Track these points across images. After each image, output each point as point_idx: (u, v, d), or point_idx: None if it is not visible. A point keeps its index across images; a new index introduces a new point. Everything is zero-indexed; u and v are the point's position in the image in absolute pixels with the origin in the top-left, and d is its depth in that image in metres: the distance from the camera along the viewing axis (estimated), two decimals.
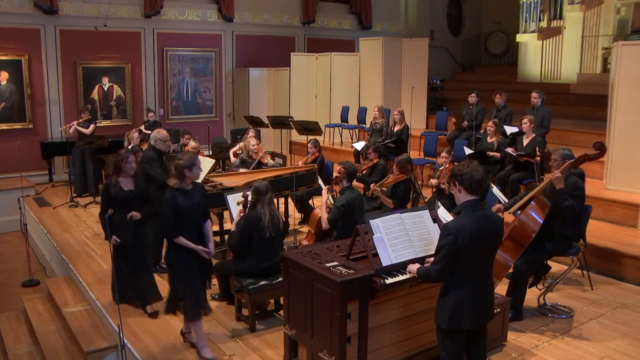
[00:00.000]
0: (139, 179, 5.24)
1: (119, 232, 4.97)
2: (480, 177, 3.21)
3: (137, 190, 5.14)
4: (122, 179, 5.08)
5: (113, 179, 5.10)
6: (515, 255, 4.67)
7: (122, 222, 5.00)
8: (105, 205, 5.09)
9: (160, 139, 6.04)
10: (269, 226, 4.75)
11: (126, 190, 5.07)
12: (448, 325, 3.21)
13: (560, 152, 4.82)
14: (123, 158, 5.08)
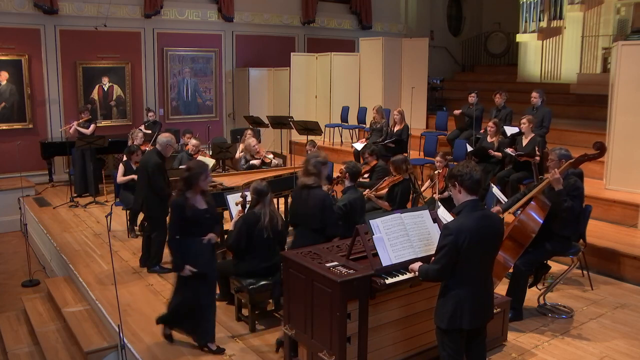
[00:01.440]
0: (208, 194, 4.61)
1: (194, 259, 4.34)
2: (479, 177, 3.22)
3: (212, 208, 4.54)
4: (193, 196, 4.42)
5: (183, 196, 4.39)
6: (515, 255, 4.68)
7: (197, 246, 4.39)
8: (176, 228, 4.39)
9: (170, 144, 6.00)
10: (267, 227, 4.75)
11: (202, 209, 4.42)
12: (448, 325, 3.21)
13: (557, 152, 4.82)
14: (199, 173, 4.38)
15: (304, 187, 4.69)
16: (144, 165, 6.02)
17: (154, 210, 6.02)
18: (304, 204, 4.70)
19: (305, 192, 4.68)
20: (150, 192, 5.93)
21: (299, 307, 3.90)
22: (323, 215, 4.60)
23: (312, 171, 4.63)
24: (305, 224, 4.73)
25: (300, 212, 4.78)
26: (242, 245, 4.82)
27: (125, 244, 7.26)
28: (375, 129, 9.55)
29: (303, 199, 4.71)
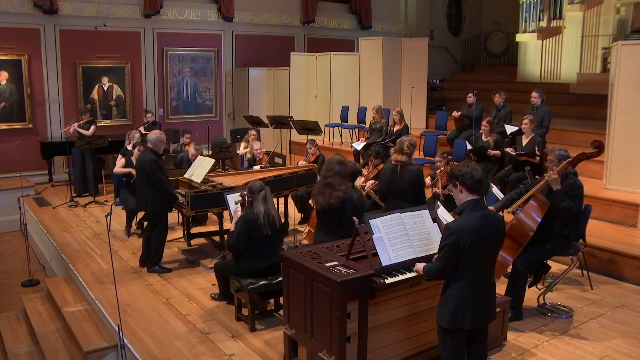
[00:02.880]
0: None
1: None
2: (480, 177, 3.23)
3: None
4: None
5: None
6: (514, 254, 4.68)
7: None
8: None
9: (161, 140, 6.06)
10: (265, 224, 4.77)
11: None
12: (450, 324, 3.22)
13: (556, 153, 4.82)
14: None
15: (398, 164, 5.33)
16: (141, 165, 6.03)
17: (157, 208, 6.01)
18: (399, 179, 5.29)
19: (400, 168, 5.33)
20: (152, 190, 5.94)
21: (299, 307, 3.90)
22: (419, 187, 5.33)
23: (406, 151, 5.33)
24: (400, 196, 5.27)
25: (395, 186, 5.33)
26: (243, 246, 4.83)
27: (125, 244, 7.26)
28: (375, 129, 9.55)
29: (398, 174, 5.33)
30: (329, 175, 4.66)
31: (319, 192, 4.68)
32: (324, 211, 4.64)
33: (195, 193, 6.10)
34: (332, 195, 4.56)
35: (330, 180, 4.63)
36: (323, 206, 4.63)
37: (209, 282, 5.86)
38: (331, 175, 4.64)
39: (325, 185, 4.65)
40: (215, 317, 5.10)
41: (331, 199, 4.56)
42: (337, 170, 4.65)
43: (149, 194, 5.97)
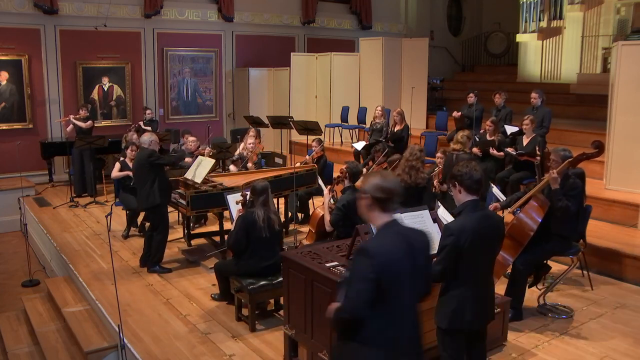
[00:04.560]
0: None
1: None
2: (479, 177, 3.22)
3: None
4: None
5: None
6: (514, 253, 4.68)
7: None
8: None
9: (153, 140, 6.09)
10: (264, 227, 4.77)
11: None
12: (449, 325, 3.21)
13: (560, 153, 4.82)
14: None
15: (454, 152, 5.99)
16: (140, 160, 6.05)
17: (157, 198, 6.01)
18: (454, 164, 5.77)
19: (455, 156, 5.98)
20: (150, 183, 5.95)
21: (299, 307, 3.90)
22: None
23: (460, 140, 6.02)
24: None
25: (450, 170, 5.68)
26: (243, 245, 4.84)
27: (125, 244, 7.26)
28: (375, 129, 9.55)
29: (454, 161, 5.91)
30: (413, 159, 5.71)
31: (405, 172, 5.69)
32: (408, 189, 5.53)
33: (195, 193, 6.10)
34: (417, 176, 5.63)
35: (413, 163, 5.70)
36: (410, 184, 5.61)
37: (209, 282, 5.87)
38: (414, 159, 5.69)
39: (410, 167, 5.71)
40: (215, 317, 5.10)
41: (417, 178, 5.64)
42: (418, 155, 5.72)
43: (147, 188, 5.97)
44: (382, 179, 2.66)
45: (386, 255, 2.54)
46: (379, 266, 2.50)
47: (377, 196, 2.61)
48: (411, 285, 2.63)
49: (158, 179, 5.99)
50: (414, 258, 2.62)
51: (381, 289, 2.51)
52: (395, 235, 2.62)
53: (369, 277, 2.49)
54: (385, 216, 2.65)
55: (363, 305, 2.50)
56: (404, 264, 2.58)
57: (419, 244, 2.71)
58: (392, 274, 2.53)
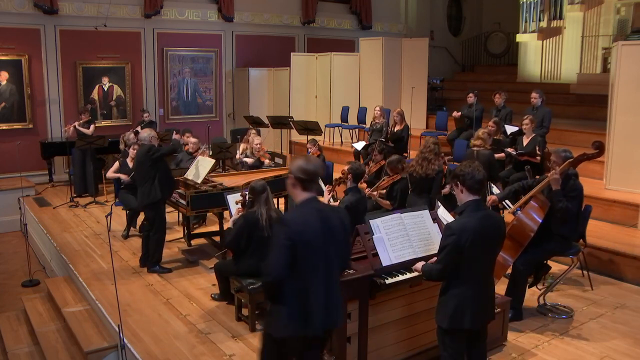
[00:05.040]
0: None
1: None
2: (481, 177, 3.22)
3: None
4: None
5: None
6: (515, 254, 4.68)
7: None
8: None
9: (153, 136, 6.10)
10: (266, 226, 4.75)
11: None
12: (449, 325, 3.22)
13: (561, 154, 4.83)
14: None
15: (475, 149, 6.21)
16: (140, 157, 6.05)
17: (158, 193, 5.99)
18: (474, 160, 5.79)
19: (476, 152, 6.20)
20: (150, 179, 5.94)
21: None
22: (489, 167, 5.95)
23: (482, 137, 6.22)
24: None
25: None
26: (242, 245, 4.83)
27: (125, 244, 7.26)
28: (375, 129, 9.55)
29: (475, 157, 6.18)
30: (426, 152, 5.95)
31: (417, 163, 5.95)
32: (420, 179, 5.89)
33: (195, 193, 6.10)
34: (428, 167, 5.84)
35: (426, 155, 5.93)
36: (421, 175, 5.89)
37: (209, 282, 5.86)
38: (428, 151, 5.93)
39: (422, 159, 5.94)
40: (215, 317, 5.09)
41: (428, 169, 5.85)
42: (431, 148, 5.95)
43: (149, 184, 5.96)
44: (306, 162, 3.03)
45: (300, 225, 2.89)
46: (293, 234, 2.85)
47: (299, 177, 2.99)
48: (326, 254, 2.96)
49: (159, 174, 5.98)
50: (328, 230, 2.96)
51: (296, 255, 2.84)
52: (311, 210, 2.97)
53: (284, 244, 2.85)
54: (306, 194, 3.01)
55: (280, 268, 2.85)
56: (317, 234, 2.91)
57: (335, 219, 3.03)
58: (305, 242, 2.87)
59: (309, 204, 3.00)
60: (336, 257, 3.02)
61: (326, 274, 2.97)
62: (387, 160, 6.47)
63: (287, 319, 2.93)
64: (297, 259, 2.86)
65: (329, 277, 2.99)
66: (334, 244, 2.99)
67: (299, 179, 2.99)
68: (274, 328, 3.02)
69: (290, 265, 2.86)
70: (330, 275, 3.00)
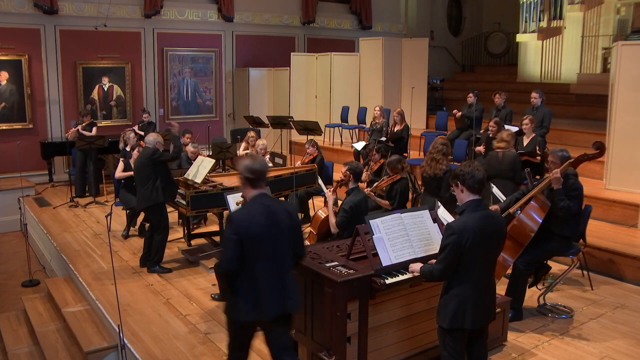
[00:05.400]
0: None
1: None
2: (482, 177, 3.22)
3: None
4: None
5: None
6: (515, 254, 4.68)
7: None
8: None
9: (159, 142, 6.10)
10: None
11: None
12: (450, 324, 3.22)
13: (558, 153, 4.83)
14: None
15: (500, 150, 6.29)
16: (142, 158, 6.06)
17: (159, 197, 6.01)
18: (500, 161, 6.25)
19: (500, 153, 6.27)
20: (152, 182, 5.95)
21: None
22: (514, 168, 6.21)
23: (506, 139, 6.29)
24: (499, 176, 6.12)
25: (497, 166, 6.23)
26: None
27: (125, 244, 7.26)
28: (375, 129, 9.55)
29: (499, 157, 6.27)
30: (434, 152, 6.01)
31: (427, 164, 6.03)
32: (430, 178, 5.99)
33: (195, 193, 6.10)
34: (436, 167, 5.92)
35: (434, 155, 5.99)
36: (430, 175, 5.98)
37: (209, 282, 5.86)
38: (436, 152, 5.99)
39: (431, 159, 6.01)
40: (215, 317, 5.09)
41: (435, 169, 5.92)
42: (439, 148, 6.00)
43: (150, 186, 5.97)
44: (252, 162, 3.26)
45: (246, 221, 3.17)
46: (240, 229, 3.13)
47: (247, 176, 3.23)
48: (274, 246, 3.21)
49: (161, 177, 5.99)
50: (276, 223, 3.22)
51: (244, 248, 3.12)
52: (259, 206, 3.23)
53: (232, 238, 3.13)
54: (255, 191, 3.26)
55: (229, 261, 3.14)
56: (264, 228, 3.17)
57: (282, 212, 3.28)
58: (252, 236, 3.14)
59: (257, 200, 3.25)
60: (286, 247, 3.26)
61: (276, 264, 3.23)
62: (387, 161, 6.47)
63: (242, 306, 3.22)
64: (246, 252, 3.14)
65: (279, 267, 3.24)
66: (282, 236, 3.23)
67: (247, 178, 3.24)
68: (233, 313, 3.29)
69: (239, 258, 3.13)
70: (281, 265, 3.25)
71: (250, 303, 3.20)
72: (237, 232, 3.13)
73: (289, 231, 3.27)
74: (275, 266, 3.22)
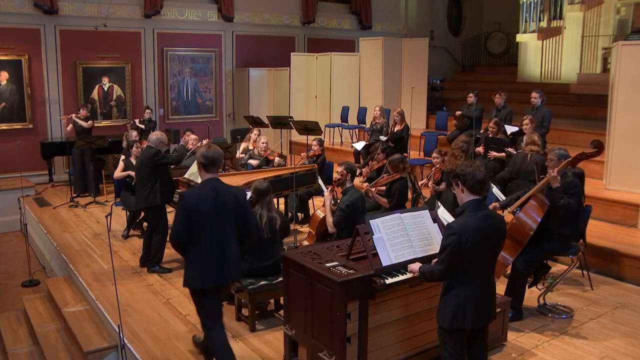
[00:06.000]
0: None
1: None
2: (482, 177, 3.22)
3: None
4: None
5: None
6: (514, 253, 4.69)
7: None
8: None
9: (162, 141, 6.09)
10: (265, 228, 4.76)
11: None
12: (450, 324, 3.22)
13: (556, 152, 4.85)
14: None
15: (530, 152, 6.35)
16: (144, 159, 6.05)
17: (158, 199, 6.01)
18: (527, 163, 6.34)
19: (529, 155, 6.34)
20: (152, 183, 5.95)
21: (299, 307, 3.90)
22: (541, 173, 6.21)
23: (538, 142, 6.39)
24: (525, 178, 6.25)
25: (522, 167, 6.39)
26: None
27: (125, 244, 7.26)
28: (375, 129, 9.55)
29: (527, 159, 6.36)
30: (455, 148, 6.32)
31: (447, 159, 6.40)
32: (448, 173, 6.20)
33: None
34: (454, 163, 6.08)
35: (454, 151, 6.30)
36: (448, 169, 6.18)
37: None
38: (456, 148, 6.30)
39: (450, 155, 6.34)
40: None
41: (452, 165, 6.07)
42: (460, 145, 6.28)
43: (149, 187, 5.97)
44: (207, 150, 3.80)
45: (195, 199, 3.70)
46: (187, 205, 3.67)
47: (201, 161, 3.78)
48: (219, 223, 3.71)
49: (160, 180, 5.99)
50: (222, 204, 3.71)
51: (192, 222, 3.64)
52: (208, 187, 3.74)
53: (182, 213, 3.66)
54: (208, 175, 3.79)
55: (179, 233, 3.67)
56: (210, 207, 3.67)
57: (228, 195, 3.77)
58: (199, 213, 3.65)
59: (208, 182, 3.77)
60: (230, 225, 3.76)
61: (219, 239, 3.72)
62: (389, 159, 6.50)
63: (190, 274, 3.78)
64: (194, 226, 3.65)
65: (222, 241, 3.73)
66: (227, 215, 3.73)
67: (201, 163, 3.78)
68: (185, 280, 3.84)
69: (187, 231, 3.66)
70: (224, 240, 3.74)
71: (197, 271, 3.73)
72: (185, 208, 3.66)
73: (234, 211, 3.76)
74: (218, 241, 3.71)
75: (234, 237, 3.78)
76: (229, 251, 3.76)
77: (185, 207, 3.66)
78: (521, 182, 6.16)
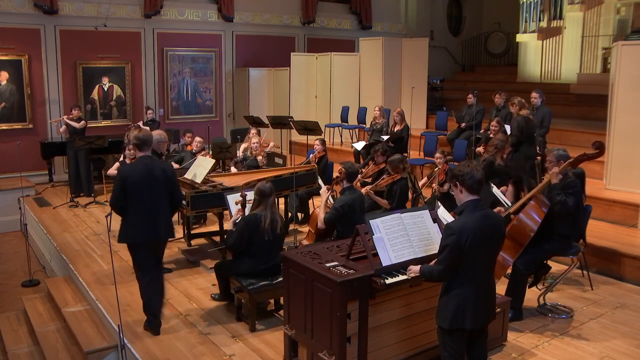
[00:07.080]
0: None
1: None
2: (480, 177, 3.23)
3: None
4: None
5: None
6: (514, 254, 4.68)
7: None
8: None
9: (161, 141, 6.05)
10: (267, 229, 4.74)
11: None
12: (450, 324, 3.21)
13: (555, 152, 4.84)
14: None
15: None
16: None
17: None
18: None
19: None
20: None
21: (299, 307, 3.90)
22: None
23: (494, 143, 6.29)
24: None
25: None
26: (243, 246, 4.82)
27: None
28: (375, 129, 9.55)
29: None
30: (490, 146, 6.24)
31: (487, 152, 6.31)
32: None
33: (195, 193, 6.10)
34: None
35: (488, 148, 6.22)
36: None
37: (209, 282, 5.86)
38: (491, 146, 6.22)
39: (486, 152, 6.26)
40: (215, 317, 5.10)
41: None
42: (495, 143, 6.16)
43: None
44: (139, 132, 4.74)
45: (129, 171, 4.62)
46: (122, 176, 4.60)
47: (134, 142, 4.69)
48: (149, 190, 4.56)
49: None
50: (151, 175, 4.56)
51: (127, 191, 4.54)
52: (140, 163, 4.61)
53: (117, 184, 4.60)
54: (141, 153, 4.66)
55: (116, 199, 4.60)
56: (141, 177, 4.53)
57: (157, 169, 4.62)
58: (132, 182, 4.52)
59: (141, 159, 4.62)
60: (160, 193, 4.61)
61: (150, 203, 4.57)
62: (389, 160, 6.48)
63: (124, 232, 4.67)
64: (128, 194, 4.53)
65: (153, 206, 4.59)
66: (157, 184, 4.58)
67: (135, 144, 4.69)
68: (119, 237, 4.70)
69: (123, 197, 4.55)
70: (155, 205, 4.60)
71: (130, 229, 4.61)
72: (121, 178, 4.56)
73: (163, 182, 4.61)
74: (149, 205, 4.56)
75: (163, 203, 4.64)
76: (158, 214, 4.60)
77: (121, 178, 4.57)
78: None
